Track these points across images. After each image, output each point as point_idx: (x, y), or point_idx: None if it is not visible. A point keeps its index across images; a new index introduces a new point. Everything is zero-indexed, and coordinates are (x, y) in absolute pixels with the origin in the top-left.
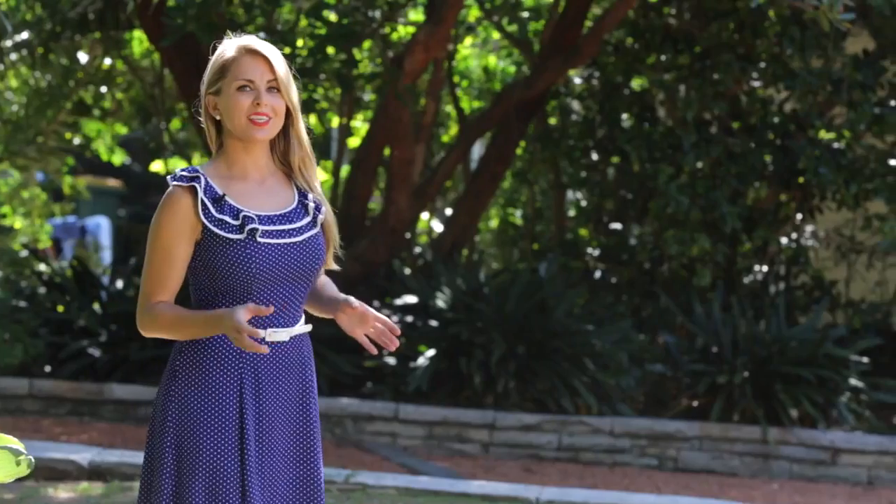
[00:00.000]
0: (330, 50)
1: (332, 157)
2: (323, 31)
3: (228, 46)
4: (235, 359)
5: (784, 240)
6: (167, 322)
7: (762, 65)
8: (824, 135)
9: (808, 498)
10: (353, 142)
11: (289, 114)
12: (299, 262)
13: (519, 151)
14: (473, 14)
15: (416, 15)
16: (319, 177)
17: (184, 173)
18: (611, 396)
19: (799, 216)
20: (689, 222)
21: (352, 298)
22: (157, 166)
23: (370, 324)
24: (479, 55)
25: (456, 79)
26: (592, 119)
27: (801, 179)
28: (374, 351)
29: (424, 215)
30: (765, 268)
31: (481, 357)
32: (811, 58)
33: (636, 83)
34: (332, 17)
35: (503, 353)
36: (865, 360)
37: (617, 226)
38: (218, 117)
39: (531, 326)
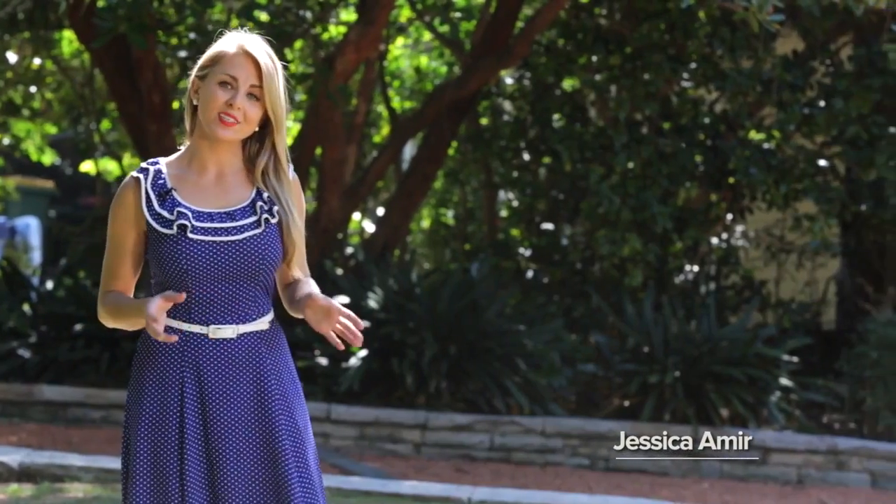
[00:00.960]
0: None
1: None
2: (257, 32)
3: (231, 38)
4: (177, 357)
5: (714, 240)
6: (111, 311)
7: (693, 65)
8: (754, 135)
9: (739, 497)
10: None
11: (270, 126)
12: (237, 261)
13: (451, 152)
14: (405, 14)
15: (348, 15)
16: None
17: (143, 164)
18: (542, 396)
19: (729, 216)
20: (621, 222)
21: (316, 293)
22: (87, 166)
23: (335, 319)
24: (410, 55)
25: (387, 79)
26: (524, 119)
27: (731, 180)
28: (341, 346)
29: (356, 215)
30: (695, 268)
31: (413, 357)
32: (741, 58)
33: (567, 83)
34: (264, 17)
35: (435, 354)
36: (795, 359)
37: (548, 226)
38: (195, 102)
39: (463, 327)
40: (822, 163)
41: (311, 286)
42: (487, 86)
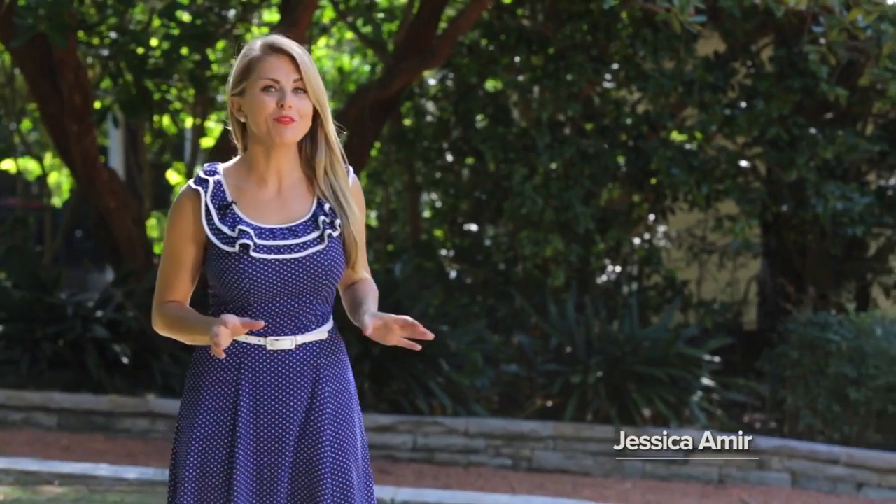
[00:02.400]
0: (184, 50)
1: (186, 158)
2: (176, 32)
3: (253, 45)
4: (234, 369)
5: (637, 240)
6: (170, 322)
7: (615, 66)
8: (676, 136)
9: (661, 496)
10: (208, 142)
11: (317, 115)
12: (300, 278)
13: (374, 152)
14: (328, 15)
15: (271, 15)
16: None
17: (200, 173)
18: (465, 397)
19: (651, 217)
20: (543, 223)
21: (368, 317)
22: (7, 164)
23: (396, 332)
24: (333, 56)
25: None
26: (447, 120)
27: (653, 180)
28: (418, 347)
29: None
30: (618, 268)
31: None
32: (663, 59)
33: (490, 84)
34: (186, 17)
35: (358, 354)
36: (717, 359)
37: (472, 226)
38: (243, 119)
39: None
40: (744, 163)
41: (368, 299)
42: (410, 86)
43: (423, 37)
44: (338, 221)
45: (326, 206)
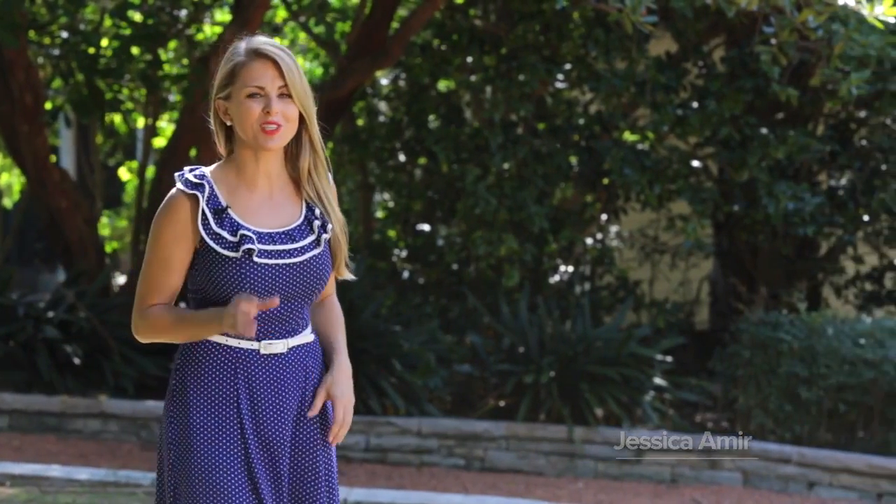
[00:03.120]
0: (135, 50)
1: (138, 157)
2: (128, 32)
3: (238, 49)
4: (230, 374)
5: (589, 240)
6: (166, 323)
7: (567, 66)
8: (629, 136)
9: (613, 496)
10: (159, 142)
11: (302, 118)
12: (298, 282)
13: (326, 153)
14: (280, 15)
15: (223, 15)
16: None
17: (190, 177)
18: (418, 397)
19: (604, 217)
20: (497, 223)
21: (333, 391)
22: None
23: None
24: None
25: None
26: (400, 120)
27: (605, 180)
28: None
29: None
30: (570, 268)
31: None
32: (615, 60)
33: (443, 84)
34: (137, 17)
35: None
36: (669, 359)
37: (424, 226)
38: (229, 123)
39: None
40: (696, 163)
41: (338, 336)
42: (363, 87)
43: (375, 37)
44: (329, 225)
45: (317, 210)
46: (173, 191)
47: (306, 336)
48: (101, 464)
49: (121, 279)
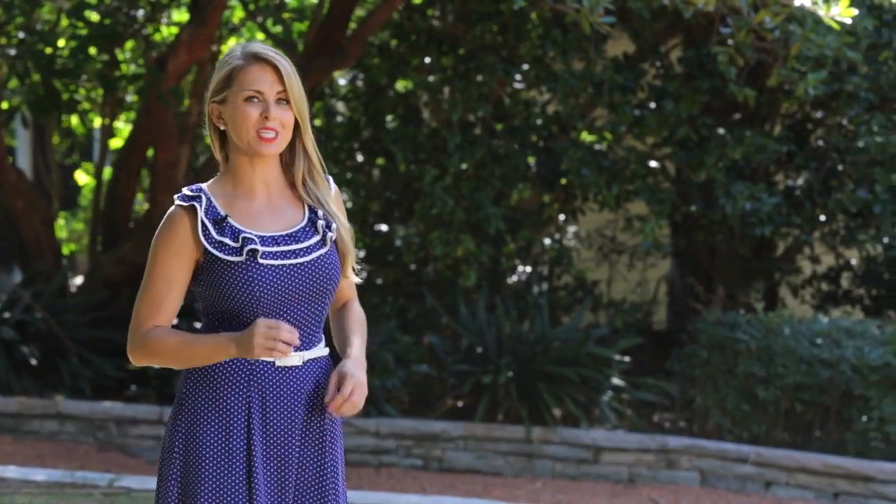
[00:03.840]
0: (92, 50)
1: (95, 158)
2: (84, 32)
3: (234, 53)
4: (243, 388)
5: (547, 240)
6: (169, 347)
7: (525, 67)
8: (586, 136)
9: (571, 496)
10: (116, 143)
11: (297, 125)
12: (307, 283)
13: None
14: (238, 15)
15: (180, 15)
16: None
17: (186, 191)
18: (376, 397)
19: (562, 217)
20: (454, 223)
21: (343, 370)
22: None
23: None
24: None
25: None
26: (357, 121)
27: (563, 181)
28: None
29: None
30: (528, 268)
31: None
32: (573, 60)
33: (401, 85)
34: (94, 17)
35: None
36: (627, 359)
37: (382, 227)
38: (223, 127)
39: None
40: (653, 164)
41: (355, 336)
42: (321, 87)
43: (333, 37)
44: (333, 225)
45: (320, 212)
46: (171, 207)
47: (321, 350)
48: (57, 465)
49: (77, 280)
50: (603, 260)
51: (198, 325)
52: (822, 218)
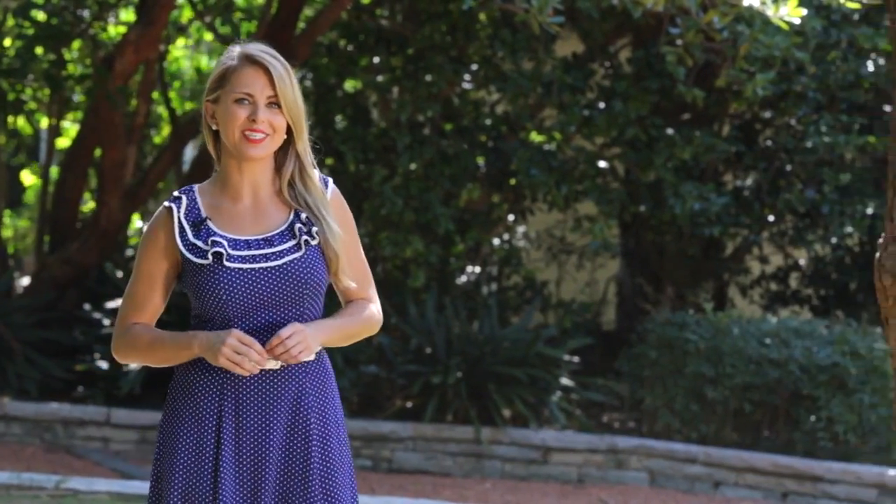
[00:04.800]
0: (38, 50)
1: (41, 158)
2: (31, 31)
3: (231, 52)
4: (216, 391)
5: (496, 241)
6: (143, 343)
7: (474, 67)
8: (535, 137)
9: (520, 496)
10: (63, 143)
11: (291, 130)
12: (278, 287)
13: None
14: (185, 15)
15: (127, 15)
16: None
17: (175, 192)
18: None
19: (511, 217)
20: (403, 224)
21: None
22: None
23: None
24: (191, 56)
25: (168, 80)
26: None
27: (512, 181)
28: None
29: (136, 217)
30: (477, 269)
31: None
32: (522, 60)
33: (350, 85)
34: (41, 16)
35: None
36: (576, 359)
37: None
38: (215, 127)
39: None
40: (602, 164)
41: (343, 313)
42: None
43: (281, 37)
44: (315, 229)
45: (303, 216)
46: (159, 208)
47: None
48: (4, 466)
49: (24, 281)
50: (552, 260)
51: None
52: (771, 218)
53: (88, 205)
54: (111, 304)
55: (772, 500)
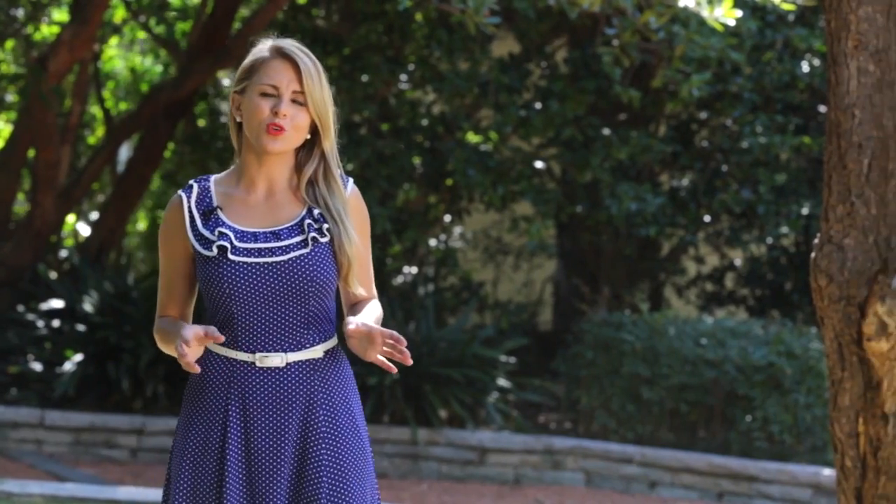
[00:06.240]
0: None
1: None
2: None
3: (263, 45)
4: (224, 387)
5: (433, 241)
6: (160, 337)
7: (411, 67)
8: (472, 137)
9: (457, 498)
10: None
11: (318, 130)
12: (282, 282)
13: (167, 153)
14: (119, 14)
15: (61, 15)
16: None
17: (191, 181)
18: None
19: (448, 218)
20: None
21: (351, 319)
22: None
23: (379, 343)
24: (125, 56)
25: (102, 80)
26: (242, 121)
27: (449, 181)
28: (394, 370)
29: (71, 218)
30: (414, 269)
31: (130, 362)
32: (458, 60)
33: None
34: None
35: (152, 358)
36: (513, 360)
37: None
38: (239, 119)
39: None
40: (539, 164)
41: (364, 311)
42: (204, 87)
43: (216, 37)
44: (326, 227)
45: (316, 212)
46: (174, 195)
47: (312, 352)
48: None
49: None
50: (489, 260)
51: None
52: (707, 218)
53: (22, 206)
54: (45, 306)
55: (707, 499)
